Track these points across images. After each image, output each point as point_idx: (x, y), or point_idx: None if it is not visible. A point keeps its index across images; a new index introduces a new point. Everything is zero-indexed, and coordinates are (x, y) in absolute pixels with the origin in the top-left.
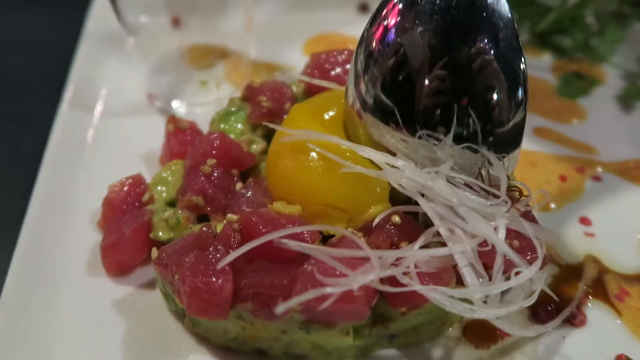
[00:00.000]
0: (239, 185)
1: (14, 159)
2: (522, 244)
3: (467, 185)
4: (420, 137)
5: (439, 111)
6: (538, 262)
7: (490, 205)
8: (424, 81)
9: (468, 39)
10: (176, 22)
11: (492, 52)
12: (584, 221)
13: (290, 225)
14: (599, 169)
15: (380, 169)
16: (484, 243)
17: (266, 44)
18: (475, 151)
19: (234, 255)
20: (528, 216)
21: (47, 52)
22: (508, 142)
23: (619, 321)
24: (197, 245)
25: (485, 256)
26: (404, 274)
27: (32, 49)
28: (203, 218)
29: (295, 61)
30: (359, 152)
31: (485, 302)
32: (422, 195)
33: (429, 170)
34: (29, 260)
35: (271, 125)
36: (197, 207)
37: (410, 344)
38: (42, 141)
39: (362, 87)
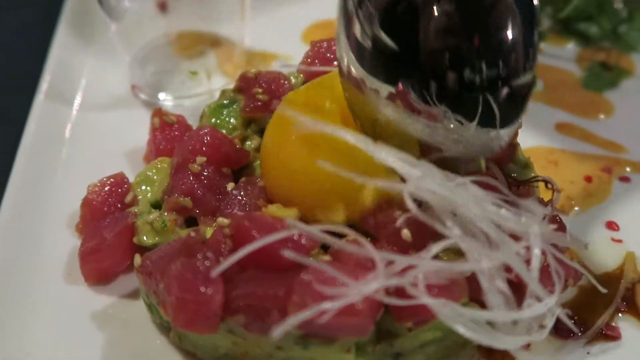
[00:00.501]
0: (230, 186)
1: None
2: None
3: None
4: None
5: (448, 55)
6: (556, 294)
7: (524, 222)
8: (433, 16)
9: None
10: (163, 7)
11: None
12: (611, 226)
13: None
14: (628, 169)
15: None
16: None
17: (262, 31)
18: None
19: (227, 263)
20: (557, 223)
21: (20, 38)
22: (517, 103)
23: None
24: (185, 251)
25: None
26: (412, 284)
27: (4, 35)
28: (191, 221)
29: (293, 50)
30: (375, 155)
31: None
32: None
33: (455, 181)
34: (1, 268)
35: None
36: (185, 209)
37: None
38: (15, 138)
39: (357, 28)
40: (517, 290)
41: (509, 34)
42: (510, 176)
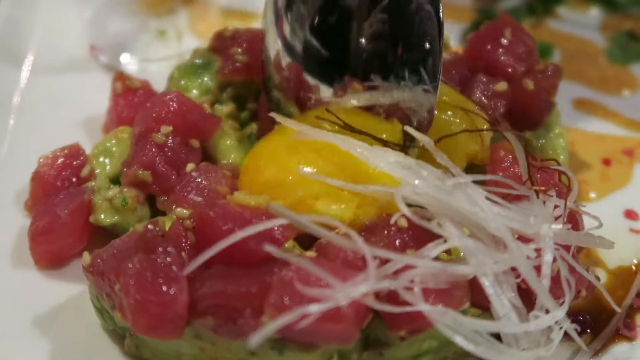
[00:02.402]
0: (190, 167)
1: None
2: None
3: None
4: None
5: (377, 57)
6: (564, 307)
7: (533, 222)
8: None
9: None
10: None
11: None
12: (631, 215)
13: (257, 221)
14: None
15: None
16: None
17: None
18: (427, 91)
19: (199, 260)
20: (575, 222)
21: None
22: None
23: None
24: (142, 247)
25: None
26: (406, 288)
27: None
28: (154, 198)
29: None
30: (369, 162)
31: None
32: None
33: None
34: None
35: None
36: (144, 185)
37: None
38: None
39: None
40: (525, 296)
41: (427, 43)
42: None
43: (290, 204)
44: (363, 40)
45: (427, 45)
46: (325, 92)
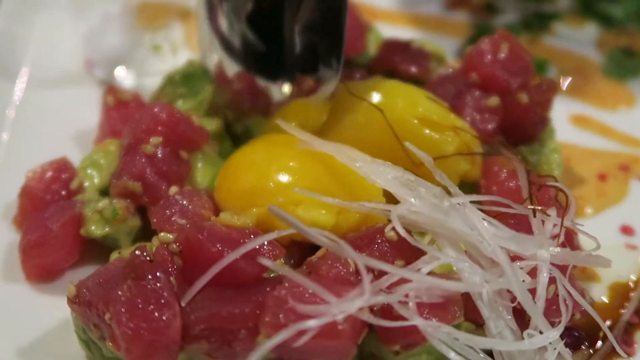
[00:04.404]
0: (173, 190)
1: None
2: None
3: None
4: None
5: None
6: (559, 328)
7: (530, 243)
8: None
9: None
10: None
11: None
12: (627, 230)
13: (246, 240)
14: None
15: None
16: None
17: None
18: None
19: (198, 285)
20: (571, 241)
21: None
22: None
23: None
24: (130, 274)
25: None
26: (401, 302)
27: None
28: (144, 210)
29: None
30: (368, 178)
31: None
32: None
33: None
34: None
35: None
36: (134, 196)
37: None
38: None
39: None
40: (519, 315)
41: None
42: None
43: None
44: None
45: (338, 30)
46: (278, 93)
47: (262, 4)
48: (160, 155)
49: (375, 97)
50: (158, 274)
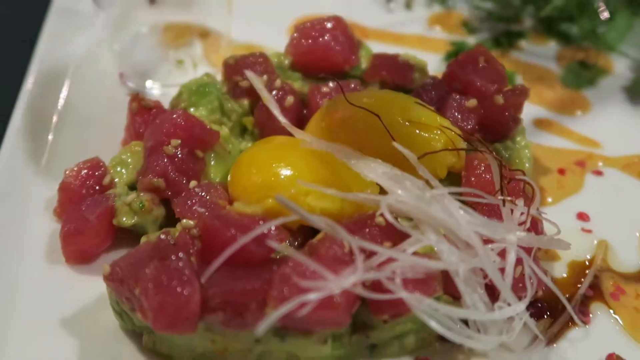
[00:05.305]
0: (192, 184)
1: None
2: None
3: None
4: None
5: None
6: (525, 301)
7: (500, 229)
8: None
9: None
10: None
11: None
12: (582, 217)
13: (256, 226)
14: (600, 163)
15: None
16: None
17: (248, 25)
18: None
19: (216, 264)
20: (536, 226)
21: (11, 26)
22: None
23: (612, 320)
24: (156, 255)
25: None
26: (389, 278)
27: None
28: (167, 201)
29: (279, 43)
30: (361, 172)
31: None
32: None
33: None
34: None
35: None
36: (158, 190)
37: (393, 355)
38: (3, 122)
39: None
40: (491, 291)
41: None
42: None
43: None
44: None
45: None
46: None
47: None
48: (179, 155)
49: (372, 105)
50: (180, 254)
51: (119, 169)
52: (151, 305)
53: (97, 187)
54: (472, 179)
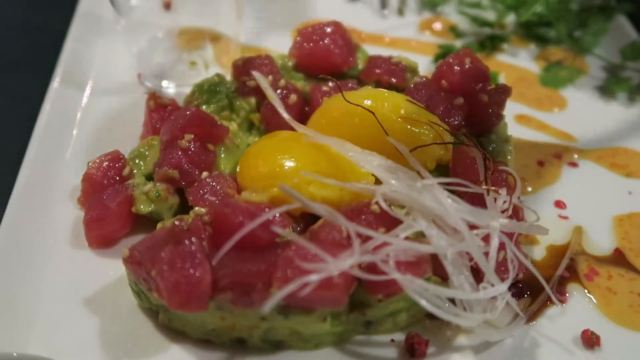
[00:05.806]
0: (204, 174)
1: (2, 134)
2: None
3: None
4: None
5: None
6: (507, 283)
7: (484, 216)
8: None
9: None
10: (167, 5)
11: None
12: (559, 204)
13: (262, 213)
14: (576, 156)
15: None
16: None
17: (255, 29)
18: None
19: (225, 248)
20: (517, 213)
21: (39, 31)
22: None
23: (586, 299)
24: (171, 239)
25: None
26: (383, 261)
27: (24, 28)
28: (181, 191)
29: (283, 46)
30: (359, 164)
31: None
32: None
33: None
34: (14, 233)
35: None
36: (173, 180)
37: (386, 331)
38: (32, 118)
39: None
40: (475, 272)
41: None
42: (487, 152)
43: None
44: None
45: None
46: None
47: None
48: (192, 149)
49: (367, 102)
50: (193, 239)
51: (137, 161)
52: (166, 286)
53: (117, 178)
54: (459, 170)
